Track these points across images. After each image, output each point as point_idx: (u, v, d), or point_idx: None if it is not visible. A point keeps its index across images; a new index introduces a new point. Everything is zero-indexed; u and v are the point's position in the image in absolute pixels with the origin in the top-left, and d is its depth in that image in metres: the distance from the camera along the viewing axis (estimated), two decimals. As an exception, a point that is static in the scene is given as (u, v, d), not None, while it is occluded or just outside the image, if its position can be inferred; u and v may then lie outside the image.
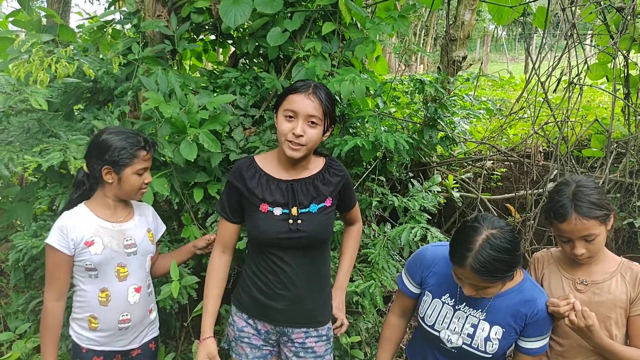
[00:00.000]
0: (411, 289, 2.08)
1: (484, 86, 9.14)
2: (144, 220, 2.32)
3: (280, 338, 2.20)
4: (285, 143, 1.98)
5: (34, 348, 2.84)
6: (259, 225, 2.04)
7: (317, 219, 2.06)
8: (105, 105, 3.09)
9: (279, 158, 2.10)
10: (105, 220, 2.17)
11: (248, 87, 3.10)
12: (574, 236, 1.87)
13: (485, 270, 1.66)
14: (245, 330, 2.18)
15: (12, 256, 2.63)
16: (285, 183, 2.07)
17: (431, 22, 17.68)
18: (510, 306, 1.86)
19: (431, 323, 1.95)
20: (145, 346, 2.33)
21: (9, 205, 3.05)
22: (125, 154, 2.09)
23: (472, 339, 1.86)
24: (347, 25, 3.15)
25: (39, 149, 2.52)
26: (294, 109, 1.95)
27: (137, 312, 2.24)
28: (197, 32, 3.42)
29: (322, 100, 1.97)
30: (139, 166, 2.13)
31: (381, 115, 3.32)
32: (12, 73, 2.60)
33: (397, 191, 3.75)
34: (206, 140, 2.56)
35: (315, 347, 2.18)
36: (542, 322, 1.86)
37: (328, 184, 2.12)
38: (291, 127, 1.96)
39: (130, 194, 2.18)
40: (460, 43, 3.76)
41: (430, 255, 2.04)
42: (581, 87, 3.80)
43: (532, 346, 1.88)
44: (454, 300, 1.93)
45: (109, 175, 2.12)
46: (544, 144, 4.64)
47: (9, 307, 3.18)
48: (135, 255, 2.21)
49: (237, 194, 2.09)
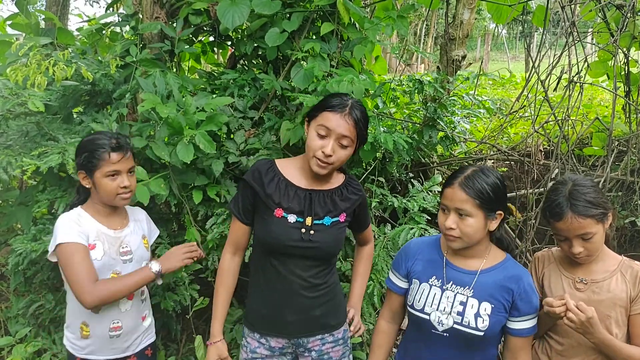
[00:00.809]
0: (398, 283, 2.07)
1: (485, 85, 9.13)
2: (139, 226, 2.30)
3: (296, 350, 2.16)
4: (314, 159, 1.95)
5: (34, 352, 2.84)
6: (271, 230, 2.01)
7: (329, 232, 2.05)
8: (103, 108, 3.08)
9: (303, 167, 2.08)
10: (104, 225, 2.15)
11: (247, 89, 3.08)
12: (570, 235, 1.88)
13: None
14: (258, 351, 2.13)
15: (12, 260, 2.63)
16: (303, 191, 2.05)
17: (431, 22, 17.67)
18: (496, 281, 1.87)
19: (420, 307, 1.94)
20: (140, 353, 2.31)
21: (8, 209, 3.05)
22: (92, 157, 2.05)
23: (462, 317, 1.86)
24: (345, 25, 3.13)
25: (37, 152, 2.52)
26: (328, 126, 1.92)
27: (129, 320, 2.21)
28: (195, 34, 3.41)
29: (357, 121, 1.94)
30: (107, 169, 2.06)
31: (380, 116, 3.31)
32: (9, 77, 2.59)
33: (397, 192, 3.74)
34: (202, 141, 2.54)
35: (332, 352, 2.16)
36: (529, 299, 1.86)
37: (345, 200, 2.10)
38: (322, 144, 1.93)
39: (108, 198, 2.11)
40: (460, 42, 3.75)
41: (415, 245, 2.09)
42: (582, 85, 3.79)
43: (523, 326, 1.87)
44: (440, 280, 1.94)
45: (85, 180, 2.10)
46: (545, 142, 4.63)
47: (9, 311, 3.17)
48: (131, 263, 2.18)
49: (252, 194, 2.05)
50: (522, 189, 4.24)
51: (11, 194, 3.20)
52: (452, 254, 1.96)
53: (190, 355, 3.16)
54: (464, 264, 1.93)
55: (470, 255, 1.92)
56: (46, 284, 3.06)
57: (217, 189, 2.81)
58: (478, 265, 1.90)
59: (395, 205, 3.19)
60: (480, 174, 1.82)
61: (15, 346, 2.82)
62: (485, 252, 1.92)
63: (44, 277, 2.90)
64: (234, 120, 2.96)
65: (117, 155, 2.07)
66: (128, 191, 2.13)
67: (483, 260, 1.91)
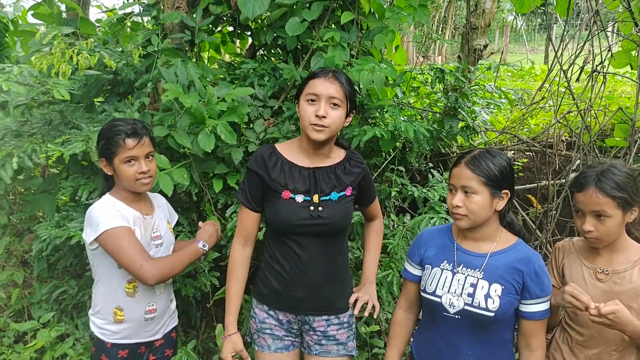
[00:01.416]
0: (412, 271, 2.09)
1: (504, 77, 9.04)
2: (162, 211, 2.34)
3: (302, 327, 2.20)
4: (309, 127, 1.99)
5: (57, 337, 2.89)
6: (280, 212, 2.05)
7: (337, 206, 2.08)
8: (125, 98, 3.12)
9: (301, 146, 2.12)
10: (137, 211, 2.18)
11: (266, 78, 3.09)
12: (586, 209, 1.86)
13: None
14: (266, 321, 2.18)
15: (36, 246, 2.67)
16: (307, 170, 2.09)
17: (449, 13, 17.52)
18: (506, 264, 1.88)
19: (432, 290, 1.96)
20: (167, 336, 2.35)
21: (31, 197, 3.10)
22: (109, 144, 2.08)
23: (473, 298, 1.87)
24: (366, 14, 3.12)
25: (61, 140, 2.55)
26: (316, 92, 1.99)
27: (162, 302, 2.26)
28: (214, 24, 3.42)
29: (342, 82, 2.01)
30: (124, 155, 2.08)
31: (400, 105, 3.30)
32: (34, 65, 2.62)
33: (416, 182, 3.72)
34: (224, 131, 2.56)
35: (337, 334, 2.19)
36: (540, 281, 1.86)
37: (349, 174, 2.13)
38: (314, 109, 1.98)
39: (128, 184, 2.13)
40: (482, 31, 3.72)
41: (428, 234, 2.12)
42: (604, 75, 3.73)
43: (535, 309, 1.87)
44: (451, 264, 1.96)
45: (106, 168, 2.13)
46: (566, 133, 4.57)
47: (33, 297, 3.23)
48: (161, 247, 2.23)
49: (258, 181, 2.09)
50: (543, 180, 4.20)
51: (34, 182, 3.25)
52: (462, 238, 1.98)
53: (209, 341, 3.20)
54: (475, 247, 1.94)
55: (481, 238, 1.93)
56: (69, 270, 3.12)
57: (237, 177, 2.82)
58: (488, 249, 1.92)
59: (415, 194, 3.18)
60: (487, 154, 1.87)
61: (40, 330, 2.87)
62: (496, 236, 1.93)
63: (67, 264, 2.95)
64: (253, 109, 2.97)
65: (133, 141, 2.09)
66: (147, 176, 2.14)
67: (493, 243, 1.92)
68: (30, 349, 2.84)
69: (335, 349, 2.20)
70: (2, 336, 3.07)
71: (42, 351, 2.88)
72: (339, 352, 2.20)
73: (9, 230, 3.62)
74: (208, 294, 2.81)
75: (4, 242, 3.47)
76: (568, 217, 3.88)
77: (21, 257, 3.62)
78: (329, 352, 2.19)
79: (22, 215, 3.41)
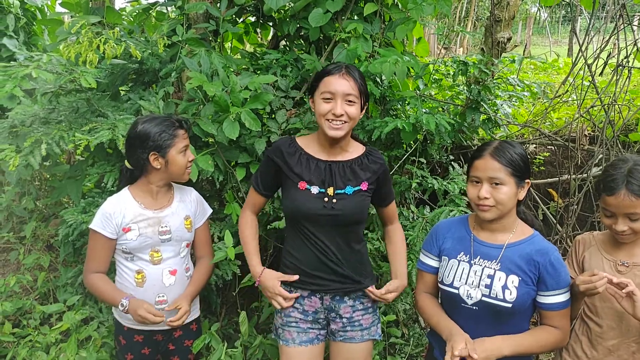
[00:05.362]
0: (430, 263, 2.10)
1: (526, 69, 8.92)
2: (184, 207, 2.36)
3: (328, 315, 2.24)
4: (326, 123, 2.05)
5: (82, 319, 2.96)
6: (297, 201, 2.12)
7: (352, 199, 2.13)
8: (150, 87, 3.16)
9: (319, 140, 2.17)
10: (145, 207, 2.25)
11: (289, 69, 3.11)
12: (618, 212, 1.86)
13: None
14: (292, 315, 2.22)
15: (62, 231, 2.74)
16: (324, 163, 2.14)
17: (471, 5, 17.30)
18: (523, 255, 1.90)
19: (449, 281, 1.98)
20: (186, 327, 2.40)
21: (57, 183, 3.17)
22: (166, 136, 2.17)
23: (490, 289, 1.88)
24: (389, 6, 3.11)
25: (87, 127, 2.60)
26: (331, 90, 2.03)
27: (174, 294, 2.30)
28: (238, 14, 3.44)
29: (356, 79, 2.06)
30: (181, 144, 2.21)
31: (422, 97, 3.29)
32: (62, 53, 2.67)
33: (437, 174, 3.72)
34: (247, 119, 2.60)
35: (362, 320, 2.24)
36: (557, 273, 1.87)
37: (366, 169, 2.18)
38: (330, 107, 2.03)
39: (178, 174, 2.25)
40: (505, 24, 3.68)
41: (444, 225, 2.14)
42: (630, 69, 3.68)
43: (555, 300, 1.88)
44: (468, 256, 1.98)
45: (156, 162, 2.19)
46: (590, 128, 4.52)
47: (58, 280, 3.31)
48: (170, 242, 2.28)
49: (274, 169, 2.17)
50: (564, 175, 4.16)
51: (59, 168, 3.31)
52: (479, 230, 2.00)
53: (229, 327, 3.26)
54: (491, 238, 1.96)
55: (498, 229, 1.95)
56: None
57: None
58: (505, 240, 1.94)
59: (435, 187, 3.18)
60: (507, 145, 1.90)
61: (65, 313, 2.94)
62: (513, 227, 1.96)
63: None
64: (276, 99, 3.00)
65: (184, 131, 2.25)
66: (191, 165, 2.29)
67: (510, 234, 1.95)
68: (55, 331, 2.92)
69: (359, 335, 2.24)
70: (29, 318, 3.16)
71: (67, 333, 2.96)
72: (363, 338, 2.25)
73: (35, 215, 3.70)
74: (230, 282, 2.85)
75: (30, 227, 3.56)
76: (589, 211, 3.85)
77: (47, 242, 3.70)
78: (353, 339, 2.24)
79: (49, 200, 3.49)
